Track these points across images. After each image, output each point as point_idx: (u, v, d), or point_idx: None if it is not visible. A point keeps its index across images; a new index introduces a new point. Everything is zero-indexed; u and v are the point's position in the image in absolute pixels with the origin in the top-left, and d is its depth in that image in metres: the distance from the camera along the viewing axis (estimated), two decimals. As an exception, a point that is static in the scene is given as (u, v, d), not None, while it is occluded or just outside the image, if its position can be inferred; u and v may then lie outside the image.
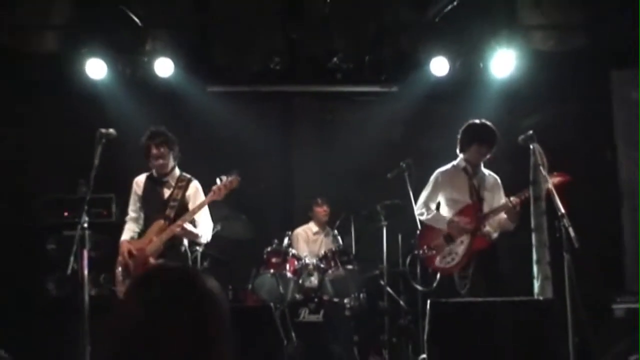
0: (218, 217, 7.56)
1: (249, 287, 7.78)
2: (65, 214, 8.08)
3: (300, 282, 7.68)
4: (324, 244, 8.50)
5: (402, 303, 8.05)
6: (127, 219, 6.66)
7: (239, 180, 6.39)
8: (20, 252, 8.04)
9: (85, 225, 5.70)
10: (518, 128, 6.58)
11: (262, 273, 7.71)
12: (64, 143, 8.47)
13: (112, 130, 6.08)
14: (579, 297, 5.15)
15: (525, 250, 6.04)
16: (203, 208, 6.46)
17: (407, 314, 7.96)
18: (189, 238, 6.56)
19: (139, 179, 6.70)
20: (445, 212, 6.72)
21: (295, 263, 7.81)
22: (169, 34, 8.48)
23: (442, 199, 6.77)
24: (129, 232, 6.58)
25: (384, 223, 7.85)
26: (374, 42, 9.04)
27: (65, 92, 8.51)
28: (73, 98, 8.55)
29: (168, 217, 6.41)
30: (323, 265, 7.75)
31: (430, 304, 5.40)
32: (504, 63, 8.58)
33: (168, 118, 8.64)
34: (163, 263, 5.89)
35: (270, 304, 6.72)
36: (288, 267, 7.74)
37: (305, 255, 7.98)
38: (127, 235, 6.55)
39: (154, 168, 6.57)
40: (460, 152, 6.71)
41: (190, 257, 7.44)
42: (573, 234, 5.04)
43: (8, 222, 8.27)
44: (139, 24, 8.35)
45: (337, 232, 8.39)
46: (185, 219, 6.33)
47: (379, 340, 7.78)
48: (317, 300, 7.67)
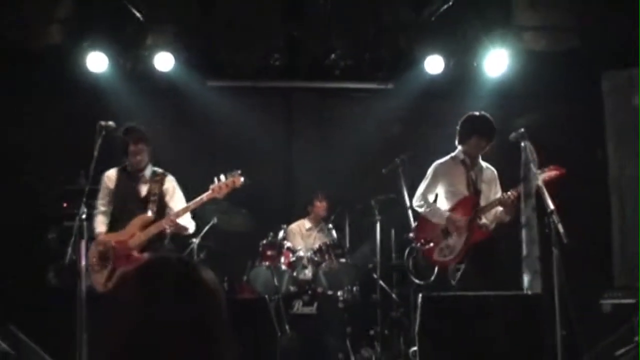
0: (218, 210, 7.68)
1: (244, 279, 7.87)
2: (65, 205, 8.17)
3: (295, 274, 7.76)
4: (318, 238, 8.57)
5: (394, 296, 8.14)
6: (96, 212, 6.62)
7: (242, 181, 6.48)
8: (21, 242, 8.11)
9: (84, 217, 5.78)
10: (510, 126, 6.65)
11: (257, 265, 7.79)
12: (65, 135, 8.52)
13: (111, 123, 6.17)
14: (568, 292, 5.24)
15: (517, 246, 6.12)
16: (181, 200, 6.62)
17: (399, 307, 8.05)
18: (180, 232, 6.68)
19: (110, 174, 6.76)
20: (444, 203, 6.78)
21: (290, 256, 7.88)
22: (170, 29, 8.53)
23: (440, 191, 6.82)
24: (103, 225, 6.62)
25: (378, 217, 7.93)
26: (372, 40, 9.11)
27: (67, 85, 8.56)
28: (74, 91, 8.61)
29: (152, 211, 6.50)
30: (317, 258, 7.82)
31: (422, 298, 5.49)
32: (498, 62, 8.67)
33: (168, 112, 8.77)
34: (163, 255, 6.00)
35: (265, 296, 6.82)
36: (283, 259, 7.81)
37: (300, 248, 8.05)
38: (102, 228, 6.59)
39: (132, 164, 6.64)
40: (459, 143, 6.78)
41: (187, 249, 7.59)
42: (562, 230, 5.12)
43: (10, 212, 8.33)
44: (140, 19, 8.40)
45: (331, 225, 8.47)
46: (179, 214, 6.44)
47: (371, 333, 7.88)
48: (310, 293, 7.77)
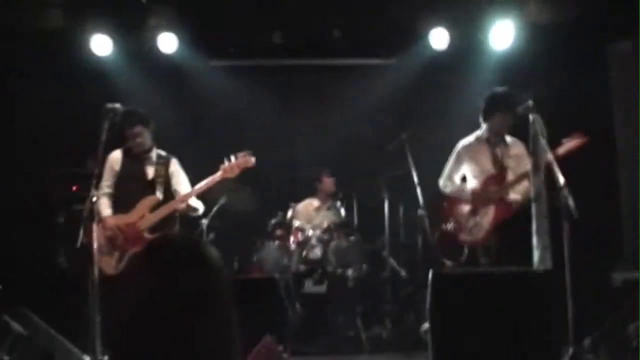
0: (223, 189, 7.68)
1: (254, 259, 7.88)
2: (74, 188, 8.19)
3: (304, 253, 7.79)
4: (327, 217, 8.57)
5: (403, 273, 8.17)
6: (100, 194, 6.55)
7: (252, 160, 6.53)
8: (30, 225, 8.14)
9: (94, 200, 5.80)
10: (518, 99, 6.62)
11: (266, 245, 7.82)
12: (72, 119, 8.51)
13: (118, 105, 6.16)
14: (579, 266, 5.24)
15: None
16: (186, 183, 6.69)
17: (408, 284, 8.08)
18: (190, 212, 6.73)
19: (115, 155, 6.77)
20: (472, 183, 6.79)
21: (299, 235, 7.91)
22: (173, 9, 8.49)
23: (466, 171, 6.85)
24: (108, 207, 6.64)
25: (385, 195, 7.95)
26: (373, 15, 9.05)
27: (71, 68, 8.55)
28: (79, 74, 8.59)
29: (160, 193, 6.55)
30: (326, 237, 7.85)
31: (432, 274, 5.49)
32: (502, 35, 8.61)
33: (172, 93, 8.76)
34: (170, 233, 6.06)
35: (275, 276, 6.85)
36: (292, 239, 7.85)
37: (309, 227, 8.06)
38: (108, 211, 6.61)
39: (133, 147, 6.68)
40: (484, 121, 6.76)
41: (196, 230, 7.61)
42: (572, 204, 5.12)
43: (18, 196, 8.35)
44: (143, 0, 8.36)
45: (339, 204, 8.47)
46: (191, 194, 6.51)
47: (382, 310, 7.91)
48: (320, 272, 7.79)
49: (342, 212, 8.34)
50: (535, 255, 5.90)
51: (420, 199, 7.26)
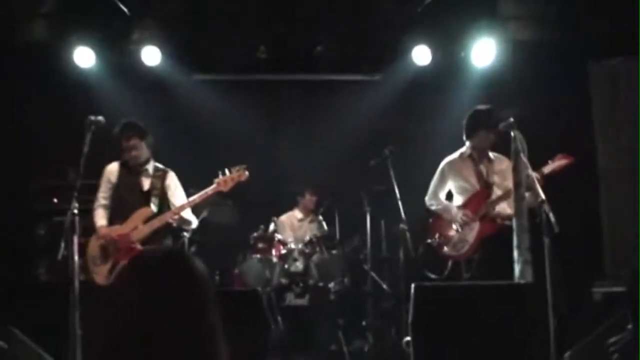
0: (205, 203, 7.66)
1: (236, 271, 7.87)
2: (55, 200, 8.16)
3: (286, 266, 7.77)
4: (309, 230, 8.60)
5: (385, 287, 8.18)
6: (96, 206, 6.71)
7: (247, 175, 6.59)
8: (10, 237, 8.09)
9: (76, 212, 5.78)
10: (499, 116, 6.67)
11: (248, 258, 7.79)
12: (53, 130, 8.52)
13: (101, 118, 6.14)
14: (560, 281, 5.27)
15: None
16: (182, 197, 6.71)
17: (390, 298, 8.09)
18: (183, 225, 6.80)
19: (112, 167, 6.82)
20: (457, 200, 6.82)
21: (281, 248, 7.90)
22: (156, 23, 8.51)
23: (452, 188, 6.87)
24: (103, 218, 6.67)
25: (368, 209, 7.97)
26: (358, 31, 9.11)
27: (54, 80, 8.54)
28: (61, 86, 8.58)
29: (154, 205, 6.60)
30: (308, 250, 7.85)
31: (414, 287, 5.50)
32: (484, 52, 8.70)
33: (155, 106, 8.75)
34: (155, 247, 6.09)
35: (258, 288, 6.84)
36: (274, 252, 7.83)
37: (291, 241, 8.06)
38: (103, 221, 6.65)
39: (129, 159, 6.72)
40: (467, 139, 6.78)
41: (178, 242, 7.59)
42: (553, 219, 5.15)
43: (-2, 207, 8.33)
44: (127, 13, 8.37)
45: (321, 217, 8.49)
46: (184, 207, 6.54)
47: (363, 324, 7.91)
48: (302, 285, 7.78)
49: (324, 225, 8.34)
50: (517, 270, 5.92)
51: (402, 214, 7.29)
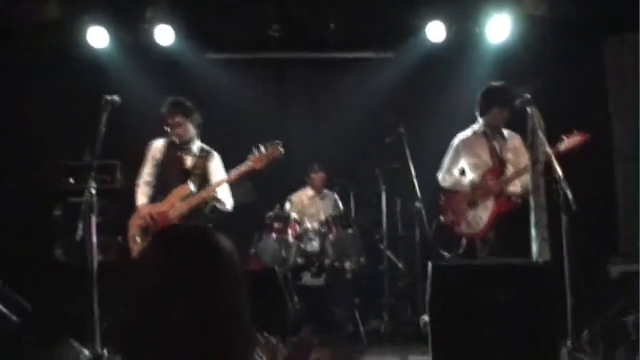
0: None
1: (252, 251, 7.89)
2: (71, 181, 8.18)
3: (302, 246, 7.78)
4: (322, 208, 8.61)
5: (400, 266, 8.19)
6: (140, 183, 6.75)
7: (281, 151, 6.56)
8: (27, 218, 8.11)
9: (93, 192, 5.80)
10: (515, 93, 6.63)
11: (264, 238, 7.80)
12: (68, 111, 8.52)
13: (117, 97, 6.15)
14: (577, 259, 5.26)
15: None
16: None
17: (406, 277, 8.10)
18: (219, 205, 6.72)
19: (158, 144, 6.84)
20: (471, 177, 6.82)
21: (297, 228, 7.92)
22: (170, 1, 8.47)
23: (465, 165, 6.87)
24: (144, 196, 6.71)
25: (383, 187, 7.97)
26: (370, 8, 9.05)
27: (68, 61, 8.53)
28: (76, 67, 8.57)
29: (194, 184, 6.58)
30: (324, 230, 7.86)
31: (432, 267, 5.49)
32: (499, 28, 8.63)
33: (169, 85, 8.72)
34: (179, 224, 6.12)
35: (275, 268, 6.85)
36: (290, 232, 7.84)
37: (306, 220, 8.07)
38: (144, 199, 6.69)
39: (174, 137, 6.72)
40: (481, 116, 6.77)
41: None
42: (571, 197, 5.14)
43: (15, 188, 8.34)
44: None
45: (337, 197, 8.48)
46: (219, 184, 6.53)
47: (380, 303, 7.93)
48: (318, 265, 7.81)
49: (340, 205, 8.34)
50: (534, 248, 5.91)
51: (418, 192, 7.29)
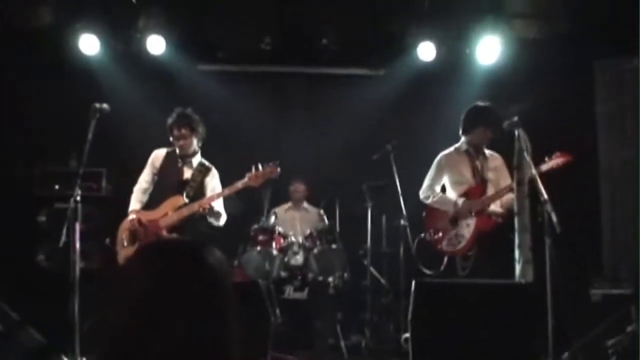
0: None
1: (236, 263, 7.87)
2: (56, 187, 8.17)
3: (286, 259, 7.77)
4: (302, 221, 8.63)
5: (383, 282, 8.19)
6: (136, 189, 6.86)
7: (278, 171, 6.70)
8: (11, 223, 8.08)
9: (78, 199, 5.80)
10: (502, 114, 6.67)
11: (248, 250, 7.77)
12: (56, 117, 8.52)
13: (106, 105, 6.18)
14: (559, 281, 5.28)
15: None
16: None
17: (388, 293, 8.10)
18: (213, 218, 6.80)
19: (159, 153, 6.95)
20: (451, 194, 6.83)
21: (281, 241, 7.90)
22: (162, 11, 8.48)
23: (446, 182, 6.89)
24: (138, 202, 6.81)
25: (369, 204, 7.99)
26: (364, 25, 9.10)
27: (58, 66, 8.54)
28: (65, 73, 8.58)
29: (187, 195, 6.66)
30: (308, 244, 7.85)
31: (415, 284, 5.50)
32: (489, 50, 8.69)
33: (159, 95, 8.74)
34: (171, 237, 6.15)
35: (259, 280, 6.85)
36: (274, 244, 7.82)
37: (292, 234, 8.07)
38: (137, 205, 6.78)
39: (177, 148, 6.80)
40: (464, 134, 6.81)
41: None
42: (555, 219, 5.16)
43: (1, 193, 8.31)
44: (133, 1, 8.35)
45: (322, 211, 8.49)
46: (213, 198, 6.61)
47: (361, 319, 7.92)
48: (301, 278, 7.80)
49: (325, 219, 8.34)
50: (517, 269, 5.93)
51: (403, 209, 7.33)
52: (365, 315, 7.84)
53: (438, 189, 6.90)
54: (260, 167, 6.61)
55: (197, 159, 6.89)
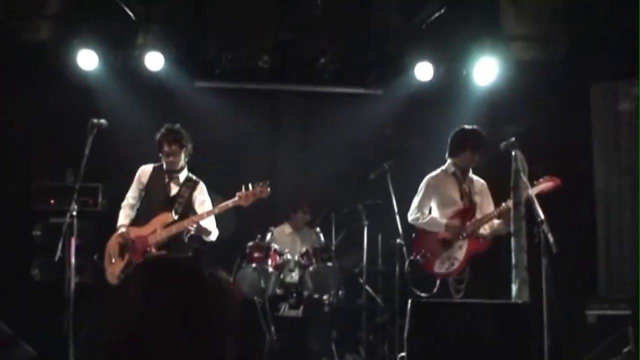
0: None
1: (231, 280, 7.85)
2: (52, 202, 8.15)
3: (282, 277, 7.76)
4: (301, 242, 8.60)
5: (379, 301, 8.17)
6: (124, 205, 6.83)
7: (268, 191, 6.70)
8: (7, 237, 8.07)
9: (74, 214, 5.81)
10: (498, 135, 6.69)
11: (244, 267, 7.76)
12: (53, 132, 8.54)
13: (103, 121, 6.21)
14: (555, 301, 5.28)
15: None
16: (208, 208, 6.74)
17: (384, 312, 8.08)
18: (203, 234, 6.79)
19: (146, 169, 6.92)
20: (436, 214, 6.80)
21: (277, 258, 7.86)
22: (161, 28, 8.52)
23: (433, 204, 6.83)
24: (127, 217, 6.76)
25: (365, 222, 7.98)
26: (362, 45, 9.15)
27: (56, 81, 8.55)
28: (63, 88, 8.59)
29: (176, 212, 6.65)
30: (304, 262, 7.83)
31: (411, 304, 5.49)
32: (487, 71, 8.74)
33: (156, 111, 8.74)
34: (173, 256, 6.12)
35: (254, 298, 6.83)
36: (270, 262, 7.79)
37: (287, 251, 8.05)
38: (125, 220, 6.74)
39: (166, 163, 6.77)
40: (450, 156, 6.79)
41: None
42: (552, 240, 5.16)
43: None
44: (132, 17, 8.39)
45: (319, 229, 8.48)
46: (203, 217, 6.60)
47: (356, 337, 7.89)
48: (297, 296, 7.76)
49: (321, 237, 8.33)
50: (513, 290, 5.91)
51: (400, 229, 7.32)
52: (361, 334, 7.83)
53: (427, 211, 6.87)
54: (251, 186, 6.63)
55: (184, 174, 6.87)
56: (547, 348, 5.22)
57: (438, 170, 6.87)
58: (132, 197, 6.85)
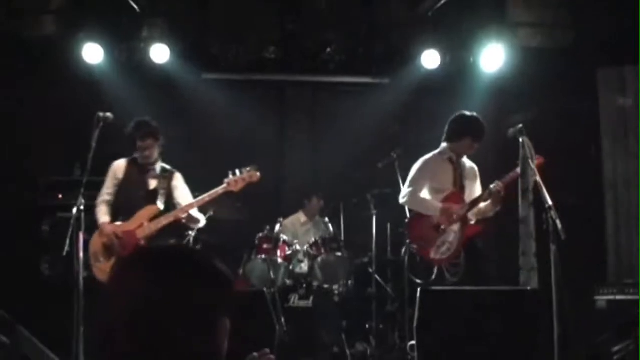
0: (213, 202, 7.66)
1: (240, 271, 7.86)
2: (60, 196, 8.16)
3: (291, 268, 7.77)
4: (313, 233, 8.59)
5: (389, 290, 8.17)
6: (100, 202, 6.69)
7: (258, 176, 6.61)
8: (15, 232, 8.09)
9: (82, 208, 5.80)
10: (505, 122, 6.67)
11: (253, 258, 7.77)
12: (60, 126, 8.55)
13: (109, 114, 6.17)
14: (564, 288, 5.26)
15: (513, 241, 6.14)
16: (189, 196, 6.72)
17: (393, 301, 8.08)
18: (192, 223, 6.80)
19: (120, 164, 6.83)
20: (428, 197, 6.73)
21: (286, 249, 7.88)
22: (166, 21, 8.52)
23: (427, 187, 6.77)
24: (106, 215, 6.65)
25: (374, 212, 7.97)
26: (367, 34, 9.14)
27: (62, 75, 8.55)
28: (69, 82, 8.59)
29: (162, 204, 6.60)
30: (313, 252, 7.83)
31: (420, 292, 5.49)
32: (493, 58, 8.72)
33: (163, 103, 8.75)
34: (170, 244, 6.09)
35: (264, 289, 6.83)
36: (279, 253, 7.79)
37: (296, 242, 8.05)
38: (106, 218, 6.63)
39: (141, 158, 6.73)
40: (448, 142, 6.72)
41: (183, 241, 7.58)
42: (560, 226, 5.14)
43: (3, 202, 8.31)
44: (137, 10, 8.39)
45: (327, 219, 8.48)
46: (193, 205, 6.55)
47: (366, 327, 7.90)
48: (306, 286, 7.76)
49: (330, 227, 8.33)
50: (522, 277, 5.91)
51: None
52: (370, 324, 7.82)
53: (421, 194, 6.79)
54: (239, 172, 6.56)
55: (159, 166, 6.82)
56: (556, 334, 5.21)
57: (434, 153, 6.79)
58: (107, 193, 6.73)
